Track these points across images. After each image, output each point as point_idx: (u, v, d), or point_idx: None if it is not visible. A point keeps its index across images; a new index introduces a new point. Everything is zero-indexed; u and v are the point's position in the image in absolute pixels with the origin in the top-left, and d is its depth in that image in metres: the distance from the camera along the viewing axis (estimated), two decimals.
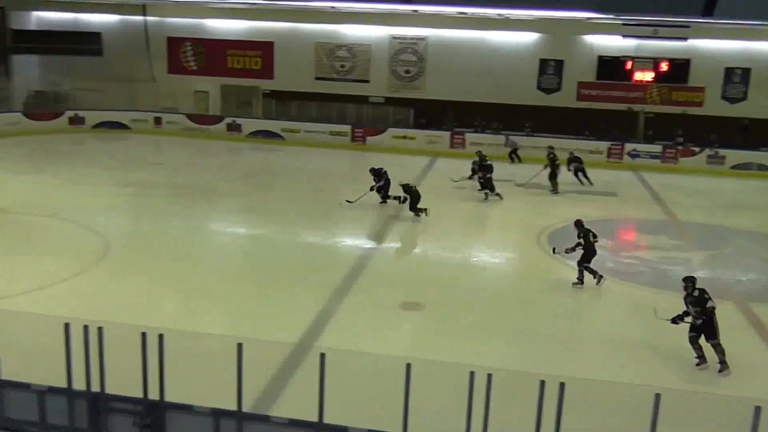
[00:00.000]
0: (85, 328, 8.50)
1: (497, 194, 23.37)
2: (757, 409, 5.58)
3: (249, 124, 33.95)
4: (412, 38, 34.30)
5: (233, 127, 33.98)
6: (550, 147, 26.03)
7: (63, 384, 8.72)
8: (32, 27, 37.04)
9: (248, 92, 35.75)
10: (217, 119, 34.37)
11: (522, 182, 25.67)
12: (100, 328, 8.47)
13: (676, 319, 11.81)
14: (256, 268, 16.66)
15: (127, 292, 14.62)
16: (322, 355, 7.98)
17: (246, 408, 8.03)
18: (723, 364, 11.52)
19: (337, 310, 13.93)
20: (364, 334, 12.79)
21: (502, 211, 22.41)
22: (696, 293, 11.70)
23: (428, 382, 9.18)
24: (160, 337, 8.37)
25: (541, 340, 12.78)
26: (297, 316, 13.43)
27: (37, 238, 18.28)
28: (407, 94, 34.51)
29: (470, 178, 24.19)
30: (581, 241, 15.15)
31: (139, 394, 8.48)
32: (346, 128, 33.15)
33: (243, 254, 18.05)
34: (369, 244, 18.58)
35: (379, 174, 22.20)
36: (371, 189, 21.95)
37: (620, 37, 31.95)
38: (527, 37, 33.16)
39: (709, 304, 11.53)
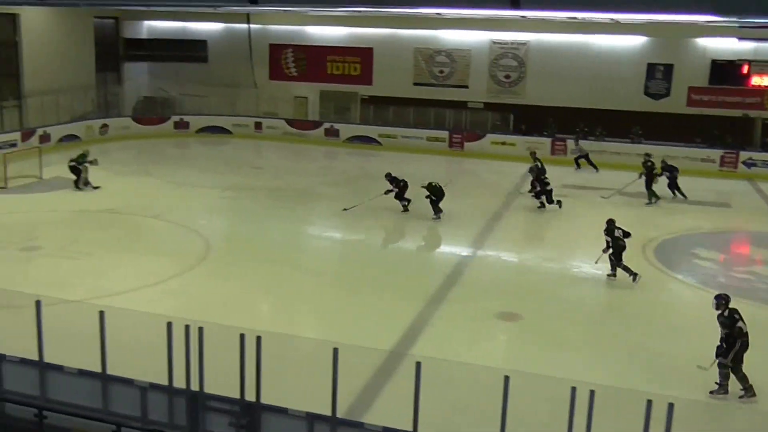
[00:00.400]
0: (187, 327, 8.70)
1: (558, 201, 22.49)
2: None
3: (347, 130, 34.26)
4: (512, 43, 33.92)
5: (331, 132, 34.36)
6: (647, 155, 25.16)
7: (164, 381, 8.97)
8: (143, 36, 38.55)
9: (347, 98, 36.09)
10: (316, 124, 34.83)
11: (607, 195, 24.74)
12: (200, 329, 8.67)
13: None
14: (352, 273, 16.75)
15: (226, 293, 14.94)
16: (418, 364, 7.91)
17: (340, 414, 8.04)
18: (745, 390, 10.87)
19: (433, 318, 13.84)
20: (460, 344, 12.66)
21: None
22: (726, 313, 11.04)
23: (526, 395, 8.98)
24: (258, 339, 8.50)
25: (643, 356, 12.35)
26: (392, 322, 13.42)
27: (142, 238, 18.93)
28: (507, 100, 34.13)
29: (533, 190, 23.06)
30: (608, 239, 15.80)
31: (236, 395, 8.63)
32: (444, 134, 33.04)
33: (339, 258, 18.18)
34: (466, 251, 18.39)
35: (394, 180, 21.89)
36: (386, 193, 21.60)
37: (736, 40, 30.66)
38: (634, 41, 32.28)
39: (739, 325, 10.89)
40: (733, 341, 10.85)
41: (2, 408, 9.33)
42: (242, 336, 8.58)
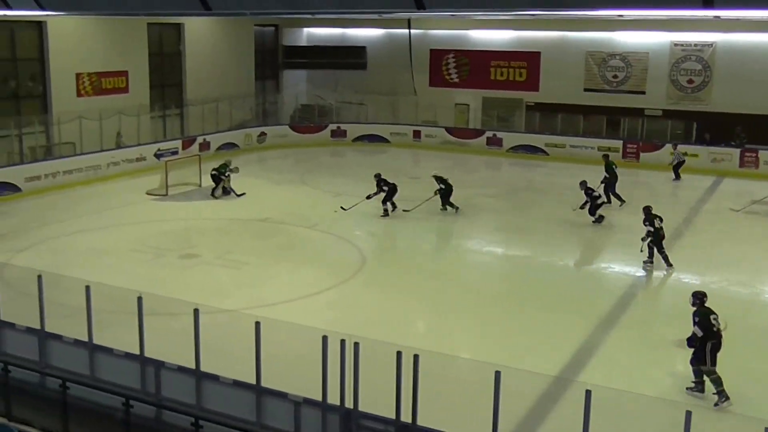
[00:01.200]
0: (342, 342, 8.85)
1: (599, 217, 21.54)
2: None
3: (510, 138, 33.94)
4: (696, 44, 32.51)
5: (493, 141, 34.17)
6: None
7: (317, 396, 9.15)
8: (302, 43, 39.95)
9: (511, 105, 35.80)
10: (477, 133, 34.74)
11: (738, 207, 23.14)
12: (356, 344, 8.78)
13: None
14: (514, 291, 16.54)
15: (381, 307, 15.13)
16: (588, 393, 7.67)
17: None
18: (719, 395, 11.13)
19: (603, 343, 13.46)
20: (633, 373, 12.23)
21: None
22: (700, 311, 11.57)
23: None
24: (416, 357, 8.51)
25: None
26: (557, 345, 13.16)
27: (298, 248, 19.52)
28: (689, 107, 32.71)
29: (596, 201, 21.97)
30: (650, 228, 17.04)
31: (391, 414, 8.67)
32: (618, 143, 32.04)
33: (500, 275, 18.00)
34: (640, 271, 17.72)
35: (383, 182, 22.10)
36: (368, 198, 22.02)
37: None
38: None
39: (715, 328, 11.39)
40: (703, 343, 11.32)
41: (160, 415, 9.84)
42: (399, 353, 8.62)
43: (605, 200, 22.30)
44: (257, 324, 9.51)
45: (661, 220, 17.44)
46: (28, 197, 23.72)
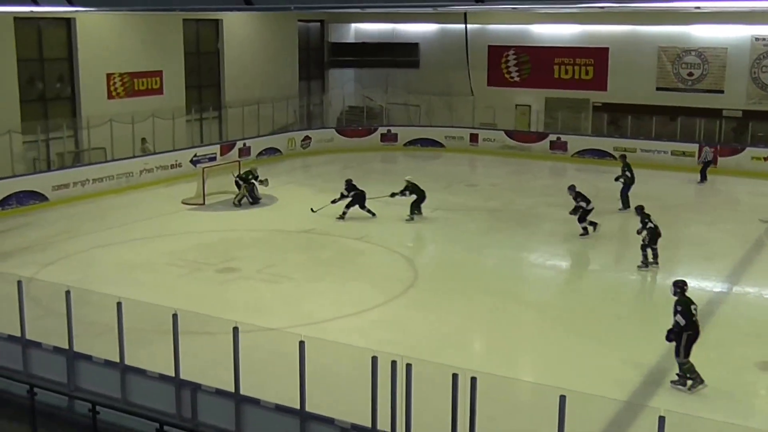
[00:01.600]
0: (393, 363, 8.87)
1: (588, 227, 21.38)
2: None
3: (576, 142, 33.70)
4: None
5: (557, 145, 33.95)
6: None
7: (367, 422, 9.18)
8: (350, 40, 40.16)
9: (577, 105, 35.55)
10: (540, 136, 34.56)
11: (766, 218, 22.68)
12: (408, 365, 8.80)
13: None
14: (581, 308, 16.41)
15: (435, 325, 15.12)
16: (662, 419, 7.58)
17: None
18: (693, 380, 12.21)
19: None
20: (712, 397, 12.07)
21: None
22: (684, 299, 12.45)
23: None
24: (473, 380, 8.50)
25: None
26: (627, 368, 13.06)
27: (344, 262, 19.60)
28: None
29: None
30: (651, 225, 18.31)
31: None
32: (693, 147, 31.61)
33: (566, 291, 17.88)
34: (719, 287, 17.50)
35: (352, 188, 23.09)
36: (333, 202, 22.96)
37: None
38: None
39: (694, 318, 12.33)
40: (679, 332, 12.23)
41: None
42: (455, 376, 8.61)
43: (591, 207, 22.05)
44: (301, 343, 9.57)
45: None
46: (55, 207, 24.20)
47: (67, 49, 28.03)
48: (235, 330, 10.06)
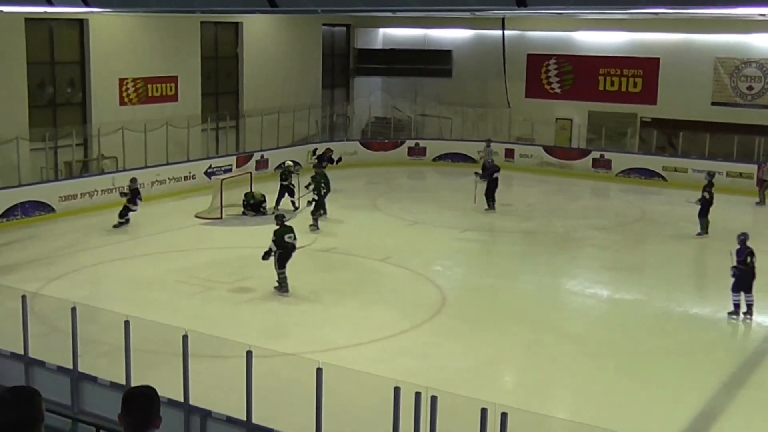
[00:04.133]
0: (417, 395, 8.95)
1: None
2: None
3: (621, 160, 33.62)
4: None
5: (601, 164, 33.90)
6: None
7: None
8: (378, 46, 40.27)
9: (623, 120, 35.46)
10: (582, 153, 34.52)
11: None
12: (433, 397, 8.87)
13: None
14: (622, 342, 16.34)
15: (463, 356, 15.14)
16: None
17: None
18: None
19: (728, 407, 13.24)
20: None
21: None
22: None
23: None
24: (503, 416, 8.55)
25: None
26: (671, 408, 13.04)
27: (367, 284, 19.68)
28: None
29: None
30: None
31: None
32: (751, 168, 31.44)
33: (606, 322, 17.83)
34: None
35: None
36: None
37: None
38: None
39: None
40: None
41: None
42: (484, 411, 8.67)
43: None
44: (319, 370, 9.67)
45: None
46: (62, 218, 24.50)
47: (79, 52, 28.40)
48: (249, 354, 10.17)
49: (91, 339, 12.65)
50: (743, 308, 17.01)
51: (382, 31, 40.06)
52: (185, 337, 10.61)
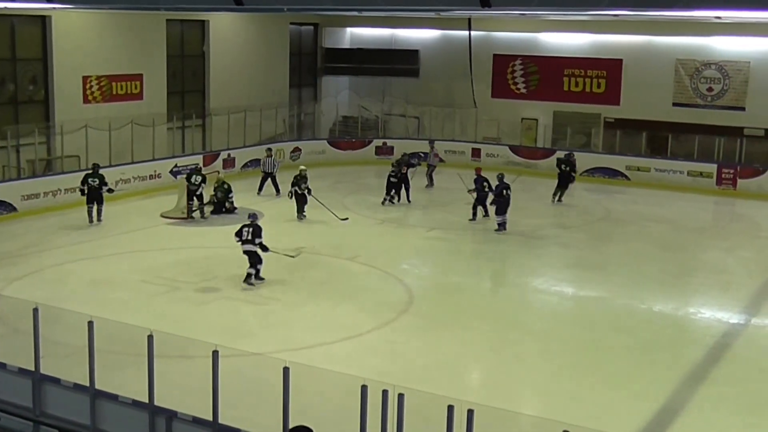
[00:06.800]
0: (384, 393, 8.91)
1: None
2: None
3: (585, 160, 33.74)
4: None
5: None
6: None
7: None
8: (345, 45, 40.27)
9: (587, 121, 35.67)
10: (547, 153, 34.63)
11: None
12: (401, 395, 8.83)
13: None
14: (587, 338, 16.42)
15: (430, 353, 15.15)
16: None
17: None
18: None
19: (689, 403, 13.37)
20: None
21: None
22: None
23: None
24: (470, 412, 8.53)
25: None
26: (634, 404, 13.13)
27: (334, 284, 19.61)
28: None
29: None
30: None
31: None
32: (711, 167, 31.77)
33: (570, 320, 17.89)
34: (736, 318, 17.57)
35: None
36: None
37: None
38: None
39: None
40: None
41: None
42: (450, 408, 8.64)
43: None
44: (286, 370, 9.60)
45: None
46: (24, 218, 24.18)
47: (41, 49, 28.05)
48: (215, 354, 10.08)
49: (54, 340, 12.47)
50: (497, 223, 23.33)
51: (349, 30, 40.07)
52: (150, 338, 10.48)
